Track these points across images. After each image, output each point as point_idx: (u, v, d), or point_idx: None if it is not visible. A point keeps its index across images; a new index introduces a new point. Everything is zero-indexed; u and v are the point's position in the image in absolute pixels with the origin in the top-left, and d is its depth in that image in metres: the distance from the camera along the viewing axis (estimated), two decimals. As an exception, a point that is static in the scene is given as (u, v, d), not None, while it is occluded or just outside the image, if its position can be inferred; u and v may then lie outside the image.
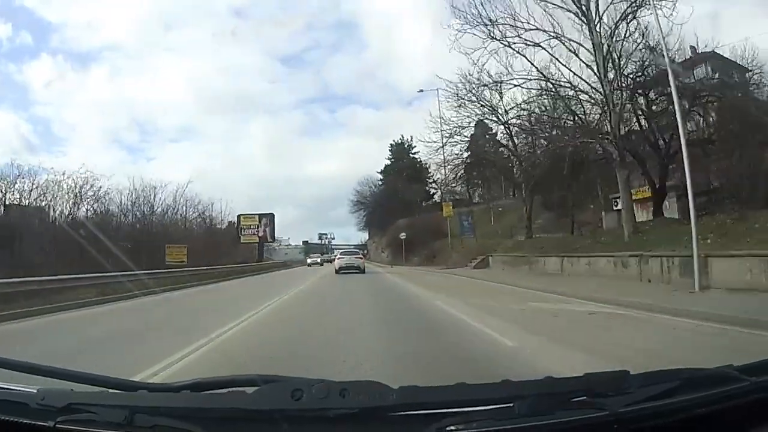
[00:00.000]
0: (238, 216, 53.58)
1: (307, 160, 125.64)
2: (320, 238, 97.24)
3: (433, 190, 60.32)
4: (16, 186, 24.25)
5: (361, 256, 33.41)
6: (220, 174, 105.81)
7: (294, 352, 6.01)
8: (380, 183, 65.67)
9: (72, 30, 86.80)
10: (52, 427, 1.16)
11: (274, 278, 28.84)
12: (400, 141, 66.02)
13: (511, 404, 1.11)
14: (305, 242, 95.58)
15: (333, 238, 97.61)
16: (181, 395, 1.33)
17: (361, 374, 4.25)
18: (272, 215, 56.83)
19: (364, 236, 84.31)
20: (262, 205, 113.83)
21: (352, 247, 70.65)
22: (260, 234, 54.93)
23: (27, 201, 24.56)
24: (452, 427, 1.09)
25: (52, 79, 69.48)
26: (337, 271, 28.84)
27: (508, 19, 19.21)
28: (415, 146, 60.82)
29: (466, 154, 31.73)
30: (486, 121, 27.99)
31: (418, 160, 59.52)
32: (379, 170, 66.58)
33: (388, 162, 66.08)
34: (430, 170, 56.86)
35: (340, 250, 41.46)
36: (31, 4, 79.28)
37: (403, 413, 1.14)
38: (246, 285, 22.52)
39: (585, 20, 17.89)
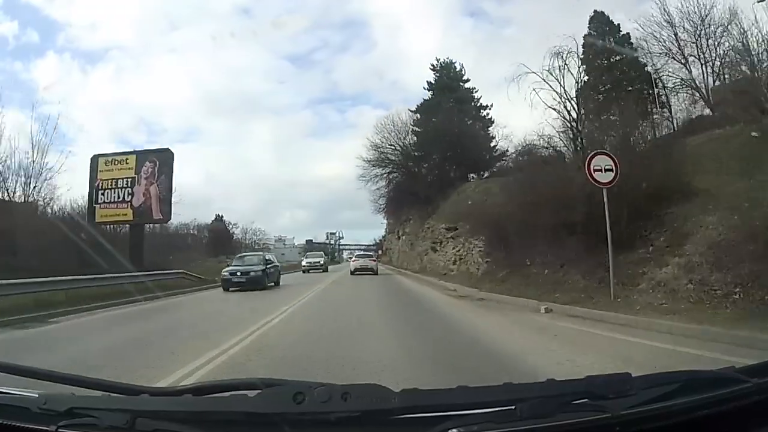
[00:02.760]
0: (94, 158, 23.63)
1: (315, 162, 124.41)
2: (327, 238, 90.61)
3: (503, 145, 32.77)
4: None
5: (374, 258, 33.05)
6: (228, 175, 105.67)
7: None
8: (415, 129, 35.75)
9: (78, 29, 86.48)
10: (54, 431, 1.16)
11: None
12: (446, 61, 37.21)
13: (513, 407, 1.11)
14: (308, 241, 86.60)
15: (341, 237, 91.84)
16: (182, 399, 1.34)
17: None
18: (168, 154, 24.01)
19: (377, 230, 71.25)
20: (269, 207, 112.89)
21: (363, 247, 69.13)
22: (138, 202, 22.80)
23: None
24: (453, 430, 1.09)
25: (59, 78, 68.84)
26: (352, 273, 28.41)
27: None
28: (469, 80, 36.40)
29: None
30: None
31: (476, 99, 35.85)
32: (413, 108, 36.82)
33: (428, 96, 36.60)
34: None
35: (356, 254, 38.99)
36: (37, 2, 78.86)
37: (404, 416, 1.15)
38: None
39: None
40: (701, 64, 19.81)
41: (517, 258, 13.92)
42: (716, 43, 19.48)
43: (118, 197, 22.84)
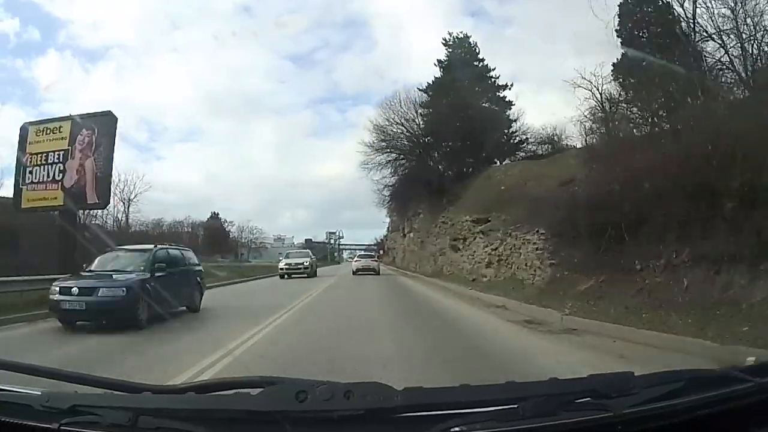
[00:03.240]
0: (24, 127, 17.93)
1: (316, 161, 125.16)
2: (327, 237, 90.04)
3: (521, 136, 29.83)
4: None
5: (376, 258, 33.10)
6: (230, 175, 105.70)
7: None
8: (424, 112, 30.92)
9: (79, 27, 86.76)
10: (57, 429, 1.16)
11: None
12: (460, 36, 32.72)
13: (516, 405, 1.12)
14: (308, 240, 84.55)
15: (341, 237, 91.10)
16: (185, 397, 1.34)
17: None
18: (110, 119, 17.35)
19: (378, 230, 71.05)
20: (270, 207, 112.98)
21: (364, 247, 69.21)
22: (70, 181, 16.76)
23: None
24: (456, 429, 1.09)
25: (60, 75, 68.68)
26: (354, 272, 28.51)
27: None
28: (485, 59, 31.89)
29: None
30: None
31: (494, 78, 31.09)
32: (424, 87, 31.73)
33: (439, 74, 31.55)
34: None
35: (358, 254, 39.50)
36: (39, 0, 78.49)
37: (407, 414, 1.15)
38: None
39: None
40: (740, 44, 16.94)
41: (616, 257, 8.95)
42: (756, 21, 16.18)
43: (48, 176, 17.17)
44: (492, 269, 16.75)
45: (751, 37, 16.92)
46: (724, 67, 18.27)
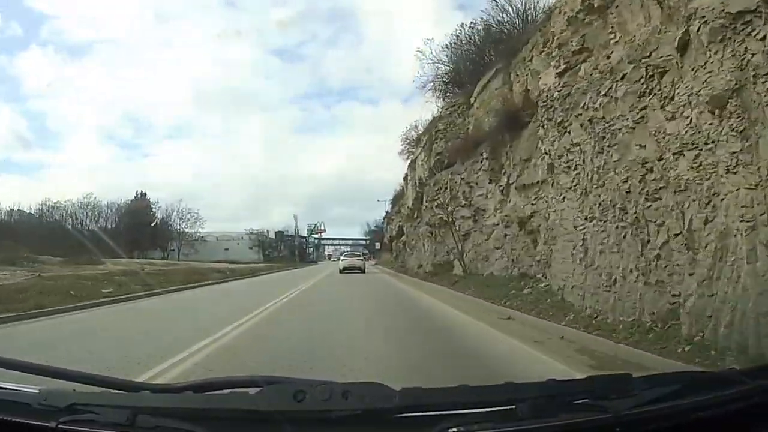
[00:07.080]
0: None
1: (303, 157, 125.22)
2: (309, 231, 77.27)
3: None
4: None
5: (362, 257, 34.74)
6: (216, 171, 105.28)
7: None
8: None
9: (64, 21, 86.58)
10: (55, 427, 1.16)
11: None
12: None
13: (513, 406, 1.11)
14: (278, 233, 69.98)
15: (323, 230, 78.94)
16: (183, 396, 1.33)
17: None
18: None
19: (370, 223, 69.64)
20: (259, 203, 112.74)
21: (351, 242, 68.98)
22: None
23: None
24: (454, 429, 1.09)
25: (46, 72, 68.45)
26: (341, 271, 28.85)
27: None
28: None
29: None
30: None
31: None
32: None
33: None
34: None
35: (346, 252, 40.86)
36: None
37: (405, 415, 1.14)
38: None
39: None
40: None
41: None
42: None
43: None
44: None
45: None
46: None
